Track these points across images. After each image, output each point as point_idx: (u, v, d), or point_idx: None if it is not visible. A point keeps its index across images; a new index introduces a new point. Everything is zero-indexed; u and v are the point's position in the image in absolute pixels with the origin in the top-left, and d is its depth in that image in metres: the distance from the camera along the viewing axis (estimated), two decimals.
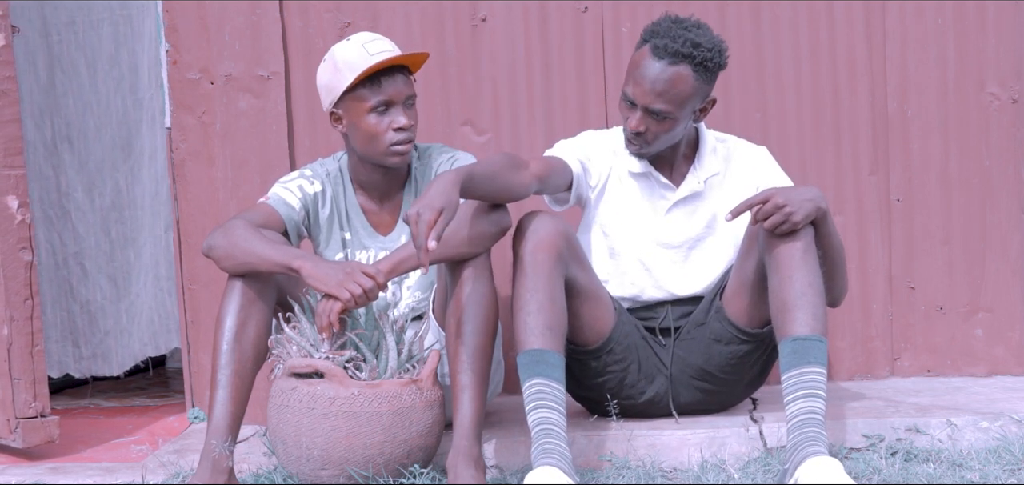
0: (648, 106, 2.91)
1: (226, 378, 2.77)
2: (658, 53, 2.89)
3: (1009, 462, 2.77)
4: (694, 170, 3.05)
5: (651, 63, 2.90)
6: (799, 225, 2.75)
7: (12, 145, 3.21)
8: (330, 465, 2.71)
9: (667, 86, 2.89)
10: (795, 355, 2.67)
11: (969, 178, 3.47)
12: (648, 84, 2.89)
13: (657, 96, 2.89)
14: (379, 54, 2.90)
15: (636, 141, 2.98)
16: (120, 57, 4.16)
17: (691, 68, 2.88)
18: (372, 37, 2.95)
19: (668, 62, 2.88)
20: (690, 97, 2.91)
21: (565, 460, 2.62)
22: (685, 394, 3.07)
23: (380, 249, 3.03)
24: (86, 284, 4.20)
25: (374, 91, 2.90)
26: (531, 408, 2.71)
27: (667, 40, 2.89)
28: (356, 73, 2.88)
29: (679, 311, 3.06)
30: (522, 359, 2.74)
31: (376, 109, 2.90)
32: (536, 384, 2.71)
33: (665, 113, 2.91)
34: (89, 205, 4.19)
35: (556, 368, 2.73)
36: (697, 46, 2.88)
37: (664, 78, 2.88)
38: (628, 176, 3.06)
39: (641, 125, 2.94)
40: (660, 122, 2.92)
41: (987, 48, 3.45)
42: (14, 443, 3.24)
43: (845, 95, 3.47)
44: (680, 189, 3.04)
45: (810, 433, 2.59)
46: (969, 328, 3.51)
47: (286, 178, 3.04)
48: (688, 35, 2.89)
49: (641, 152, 3.01)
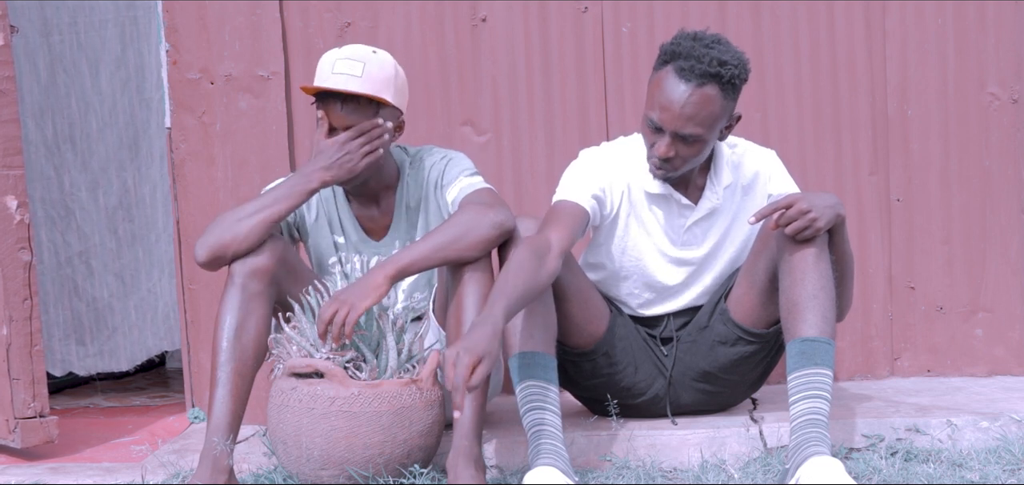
0: (678, 131, 2.78)
1: (226, 376, 2.77)
2: (685, 75, 2.76)
3: (1009, 462, 2.77)
4: (711, 185, 2.95)
5: (677, 85, 2.77)
6: (821, 231, 2.73)
7: (11, 145, 3.21)
8: (330, 465, 2.71)
9: (696, 109, 2.76)
10: (803, 356, 2.67)
11: (969, 178, 3.47)
12: (677, 108, 2.76)
13: (687, 120, 2.77)
14: (338, 75, 2.84)
15: (664, 167, 2.85)
16: (126, 58, 4.19)
17: (719, 88, 2.76)
18: (350, 56, 2.87)
19: (696, 84, 2.76)
20: (718, 117, 2.80)
21: (562, 460, 2.63)
22: (686, 395, 3.07)
23: (373, 254, 3.02)
24: (92, 282, 4.22)
25: (320, 106, 2.89)
26: (525, 410, 2.71)
27: (693, 61, 2.75)
28: (313, 82, 2.88)
29: (680, 321, 3.06)
30: (514, 362, 2.74)
31: (321, 124, 2.89)
32: (529, 386, 2.72)
33: (695, 137, 2.79)
34: (93, 204, 4.21)
35: (548, 370, 2.73)
36: (723, 64, 2.75)
37: (693, 101, 2.76)
38: (644, 196, 2.96)
39: (670, 150, 2.80)
40: (690, 146, 2.81)
41: (987, 48, 3.45)
42: (13, 443, 3.24)
43: (845, 95, 3.47)
44: (700, 206, 2.95)
45: (813, 434, 2.59)
46: (969, 328, 3.51)
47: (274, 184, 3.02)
48: (712, 53, 2.76)
49: (668, 177, 2.90)
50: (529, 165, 3.50)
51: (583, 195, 2.89)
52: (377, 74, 2.87)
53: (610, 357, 2.99)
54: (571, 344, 2.95)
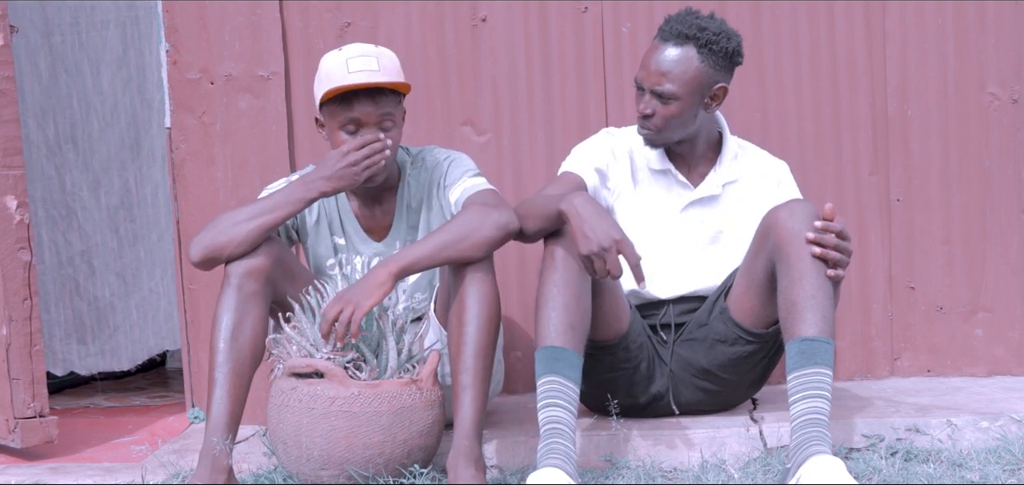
0: (653, 87, 2.95)
1: (223, 376, 2.77)
2: (663, 35, 2.97)
3: (1009, 462, 2.77)
4: (714, 172, 3.06)
5: (656, 45, 2.98)
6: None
7: (10, 145, 3.21)
8: (330, 465, 2.71)
9: (671, 66, 2.93)
10: (802, 355, 2.67)
11: (969, 178, 3.47)
12: (653, 65, 2.96)
13: (661, 76, 2.94)
14: (358, 73, 2.86)
15: (645, 126, 3.00)
16: (128, 58, 4.21)
17: (696, 49, 2.93)
18: (361, 52, 2.90)
19: (673, 43, 2.95)
20: (696, 79, 2.94)
21: (570, 461, 2.62)
22: (686, 393, 3.07)
23: (374, 255, 3.02)
24: (94, 282, 4.23)
25: (344, 108, 2.88)
26: (543, 405, 2.70)
27: (673, 23, 2.96)
28: (327, 87, 2.87)
29: (680, 308, 3.06)
30: (541, 355, 2.72)
31: (345, 127, 2.89)
32: (552, 381, 2.70)
33: (670, 94, 2.93)
34: (95, 204, 4.22)
35: (574, 368, 2.72)
36: (702, 29, 2.93)
37: (669, 58, 2.94)
38: (648, 172, 3.08)
39: (648, 107, 2.97)
40: (666, 104, 2.95)
41: (987, 48, 3.45)
42: (13, 443, 3.24)
43: (845, 95, 3.47)
44: (698, 189, 3.05)
45: (814, 433, 2.59)
46: (969, 328, 3.51)
47: (274, 184, 3.02)
48: (695, 20, 2.95)
49: (652, 139, 3.01)
50: (529, 165, 3.50)
51: (585, 167, 3.02)
52: (390, 65, 2.91)
53: (630, 351, 2.99)
54: (595, 337, 2.94)
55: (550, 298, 2.74)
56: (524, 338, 3.50)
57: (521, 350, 3.51)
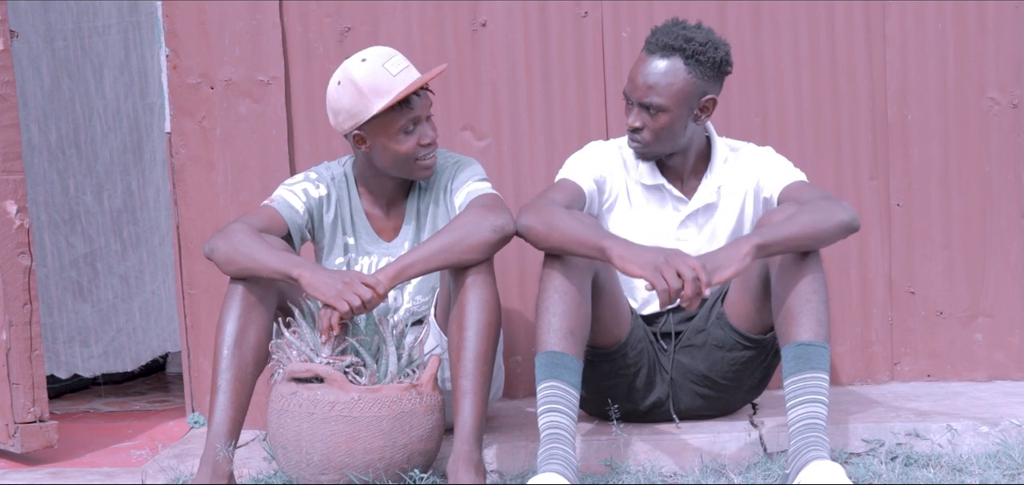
0: (641, 99, 2.93)
1: (226, 382, 2.78)
2: (649, 47, 2.95)
3: (1009, 467, 2.77)
4: (706, 181, 3.03)
5: (643, 58, 2.96)
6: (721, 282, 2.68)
7: (11, 150, 3.21)
8: (330, 470, 2.71)
9: (658, 78, 2.91)
10: (798, 360, 2.67)
11: (969, 183, 3.47)
12: (640, 78, 2.93)
13: (648, 88, 2.92)
14: (401, 73, 2.91)
15: (635, 139, 2.98)
16: (130, 62, 4.22)
17: (683, 60, 2.91)
18: (387, 55, 2.95)
19: (660, 56, 2.92)
20: (683, 91, 2.91)
21: (570, 466, 2.62)
22: (686, 400, 3.07)
23: (383, 255, 3.03)
24: (97, 284, 4.24)
25: (404, 112, 2.92)
26: (543, 410, 2.70)
27: (660, 35, 2.94)
28: (386, 98, 2.89)
29: (679, 317, 3.06)
30: (541, 360, 2.72)
31: (405, 129, 2.92)
32: (552, 387, 2.70)
33: (658, 106, 2.91)
34: (98, 208, 4.23)
35: (574, 373, 2.72)
36: (689, 40, 2.91)
37: (656, 71, 2.92)
38: (640, 188, 3.04)
39: (637, 120, 2.95)
40: (654, 116, 2.93)
41: (987, 53, 3.45)
42: (13, 448, 3.24)
43: (845, 100, 3.47)
44: (692, 201, 3.02)
45: (812, 438, 2.59)
46: (969, 333, 3.51)
47: (291, 181, 3.04)
48: (682, 31, 2.92)
49: (643, 152, 3.00)
50: (529, 170, 3.50)
51: (584, 176, 2.99)
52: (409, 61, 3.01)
53: (629, 359, 2.99)
54: (594, 344, 2.94)
55: (550, 303, 2.74)
56: (524, 343, 3.50)
57: (521, 355, 3.51)
